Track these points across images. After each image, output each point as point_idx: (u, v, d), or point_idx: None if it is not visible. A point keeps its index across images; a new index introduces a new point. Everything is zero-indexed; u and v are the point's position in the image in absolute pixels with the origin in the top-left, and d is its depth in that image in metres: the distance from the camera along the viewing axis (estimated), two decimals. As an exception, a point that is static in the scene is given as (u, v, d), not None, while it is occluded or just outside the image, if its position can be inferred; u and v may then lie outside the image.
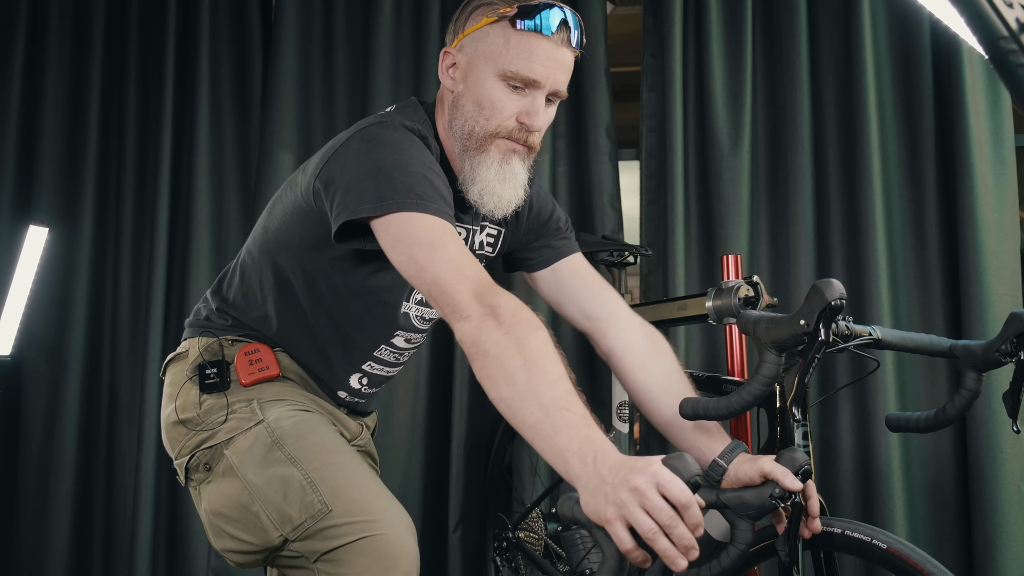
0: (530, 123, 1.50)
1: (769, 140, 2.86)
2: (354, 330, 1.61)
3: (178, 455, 1.57)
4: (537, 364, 1.18)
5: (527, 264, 1.79)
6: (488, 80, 1.49)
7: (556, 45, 1.48)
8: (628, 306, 1.72)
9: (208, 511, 1.51)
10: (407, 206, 1.35)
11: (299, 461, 1.44)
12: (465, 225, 1.65)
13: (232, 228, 2.99)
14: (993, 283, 2.59)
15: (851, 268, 2.73)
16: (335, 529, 1.37)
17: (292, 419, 1.51)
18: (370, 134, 1.47)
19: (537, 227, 1.76)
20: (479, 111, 1.51)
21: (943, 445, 2.66)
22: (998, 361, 1.39)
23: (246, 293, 1.64)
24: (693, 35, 2.87)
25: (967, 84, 2.66)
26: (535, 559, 2.46)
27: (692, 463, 1.07)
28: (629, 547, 1.05)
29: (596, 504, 1.07)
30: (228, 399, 1.55)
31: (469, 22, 1.53)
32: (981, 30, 0.63)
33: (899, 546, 1.37)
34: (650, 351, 1.64)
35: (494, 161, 1.52)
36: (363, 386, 1.69)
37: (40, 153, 3.04)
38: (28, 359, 2.98)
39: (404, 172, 1.38)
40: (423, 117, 1.57)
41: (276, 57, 2.95)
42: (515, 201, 1.55)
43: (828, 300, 1.29)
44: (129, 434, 2.96)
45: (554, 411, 1.14)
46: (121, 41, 3.10)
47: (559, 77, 1.50)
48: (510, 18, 1.47)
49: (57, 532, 2.89)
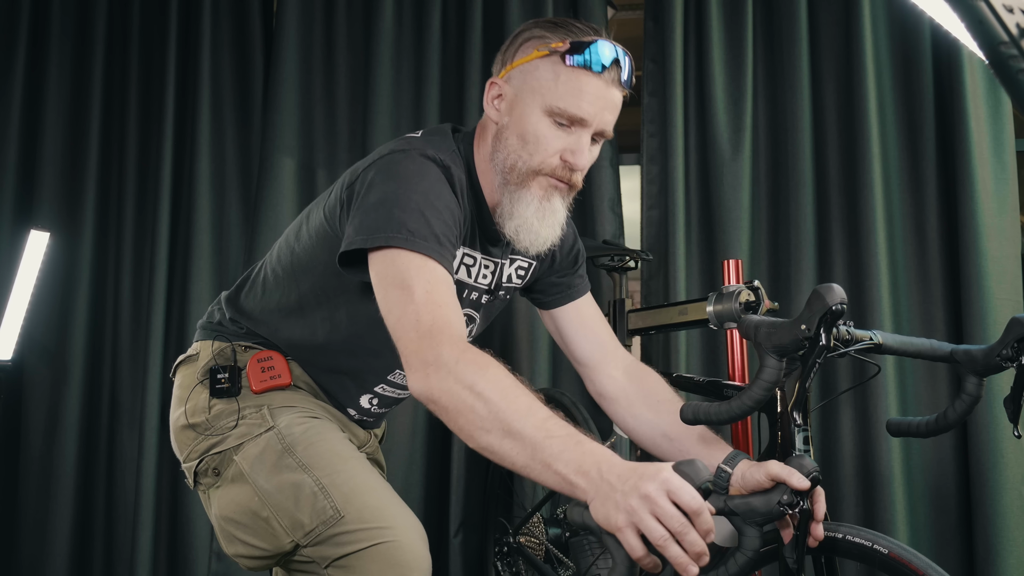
0: (574, 162, 1.46)
1: (770, 145, 2.86)
2: (370, 356, 1.60)
3: (187, 458, 1.57)
4: (501, 403, 1.16)
5: (538, 301, 1.79)
6: (534, 115, 1.46)
7: (606, 84, 1.44)
8: (620, 348, 1.74)
9: (218, 516, 1.51)
10: (394, 240, 1.33)
11: (310, 467, 1.44)
12: (494, 259, 1.63)
13: (233, 233, 2.99)
14: (994, 287, 2.59)
15: (852, 273, 2.73)
16: (347, 535, 1.37)
17: (303, 425, 1.51)
18: (387, 164, 1.44)
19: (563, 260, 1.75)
20: (523, 146, 1.47)
21: (944, 450, 2.66)
22: (999, 366, 1.39)
23: (264, 309, 1.64)
24: (694, 40, 2.88)
25: (968, 89, 2.66)
26: (536, 564, 2.46)
27: (703, 469, 1.07)
28: (640, 554, 1.05)
29: (607, 511, 1.06)
30: (239, 404, 1.55)
31: (519, 54, 1.49)
32: (981, 35, 0.63)
33: (900, 551, 1.36)
34: (635, 397, 1.66)
35: (535, 198, 1.49)
36: (373, 406, 1.69)
37: (41, 158, 3.04)
38: (29, 364, 2.98)
39: (402, 207, 1.36)
40: (451, 146, 1.53)
41: (277, 62, 2.96)
42: (552, 240, 1.52)
43: (829, 305, 1.29)
44: (130, 439, 2.96)
45: (539, 443, 1.12)
46: (122, 46, 3.11)
47: (607, 117, 1.47)
48: (561, 53, 1.43)
49: (58, 537, 2.89)
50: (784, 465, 1.27)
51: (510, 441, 1.14)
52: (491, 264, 1.63)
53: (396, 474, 2.77)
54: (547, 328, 1.83)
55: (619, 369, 1.70)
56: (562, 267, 1.75)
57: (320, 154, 2.98)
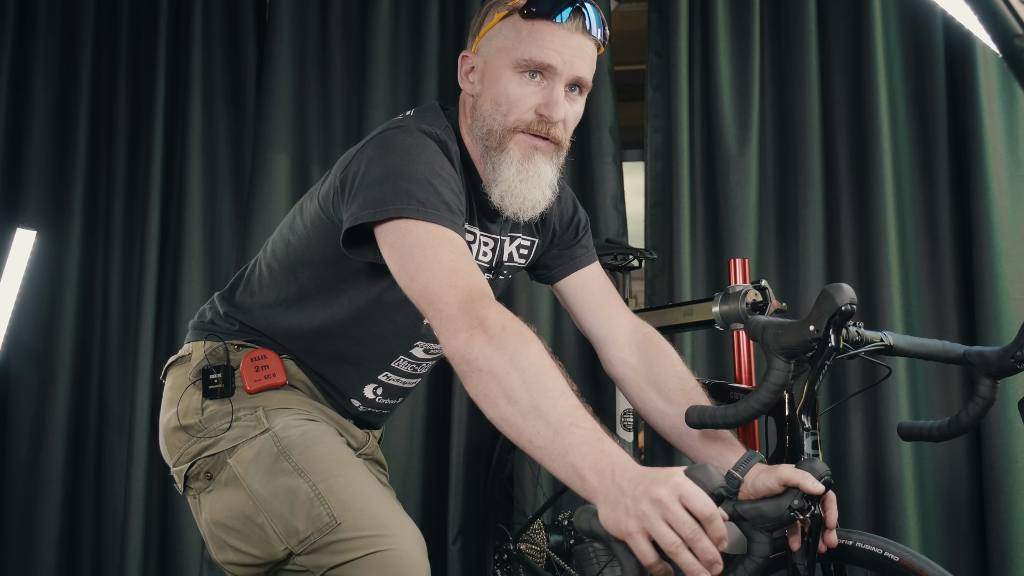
0: (549, 114, 1.47)
1: (777, 141, 2.86)
2: (372, 341, 1.61)
3: (176, 462, 1.57)
4: (537, 380, 1.16)
5: (542, 276, 1.79)
6: (504, 74, 1.48)
7: (570, 31, 1.46)
8: (631, 321, 1.71)
9: (209, 521, 1.50)
10: (406, 212, 1.34)
11: (306, 472, 1.44)
12: (492, 235, 1.63)
13: (225, 231, 2.99)
14: (1008, 287, 2.59)
15: (862, 272, 2.72)
16: (343, 543, 1.37)
17: (299, 428, 1.51)
18: (384, 140, 1.46)
19: (563, 232, 1.75)
20: (496, 108, 1.49)
21: (957, 454, 2.66)
22: (1013, 368, 1.39)
23: (262, 304, 1.64)
24: (699, 33, 2.88)
25: (981, 83, 2.66)
26: (537, 572, 2.46)
27: (716, 474, 1.07)
28: (651, 560, 1.05)
29: (616, 517, 1.06)
30: (232, 406, 1.54)
31: (484, 23, 1.53)
32: (995, 28, 0.63)
33: (912, 558, 1.36)
34: (644, 380, 1.64)
35: (514, 159, 1.50)
36: (377, 396, 1.68)
37: (28, 155, 3.04)
38: (15, 366, 2.98)
39: (408, 178, 1.37)
40: (443, 121, 1.55)
41: (270, 56, 2.95)
42: (541, 202, 1.53)
43: (838, 305, 1.29)
44: (119, 443, 2.96)
45: (563, 429, 1.13)
46: (111, 40, 3.11)
47: (578, 63, 1.48)
48: (519, 9, 1.47)
49: (45, 543, 2.89)
50: (796, 469, 1.27)
51: (534, 419, 1.15)
52: (490, 241, 1.63)
53: (393, 479, 2.75)
54: (563, 307, 1.82)
55: (629, 349, 1.67)
56: (564, 240, 1.75)
57: (315, 150, 2.98)
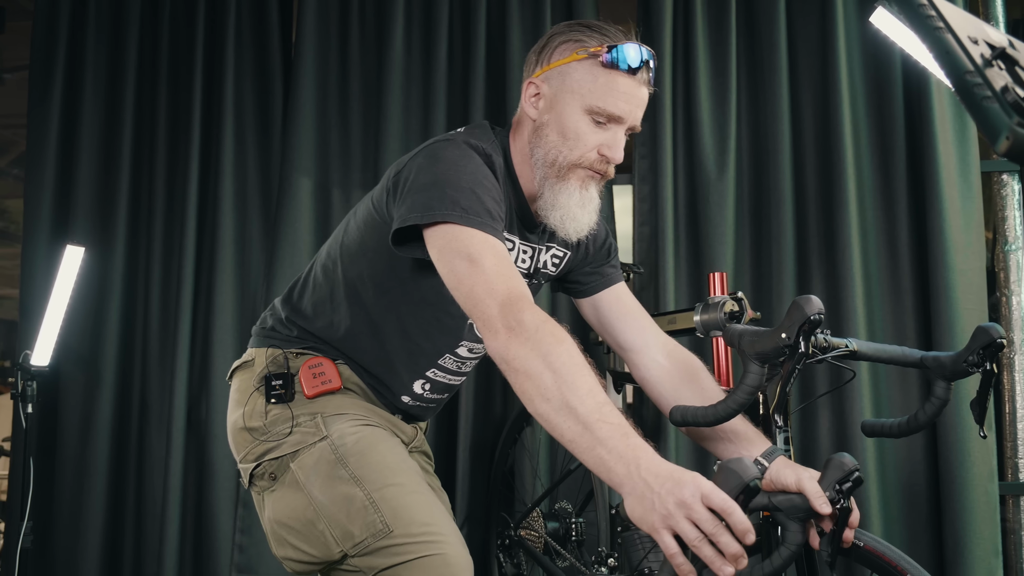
0: (611, 155, 1.49)
1: (753, 166, 2.86)
2: (420, 338, 1.59)
3: (243, 459, 1.55)
4: (567, 378, 1.16)
5: (575, 290, 1.75)
6: (575, 113, 1.48)
7: (638, 83, 1.48)
8: (662, 333, 1.67)
9: (271, 519, 1.49)
10: (451, 217, 1.33)
11: (362, 481, 1.42)
12: (531, 244, 1.62)
13: (255, 248, 3.00)
14: (961, 298, 2.59)
15: (829, 285, 2.72)
16: (396, 548, 1.36)
17: (354, 436, 1.49)
18: (433, 150, 1.45)
19: (596, 253, 1.73)
20: (563, 141, 1.49)
21: (915, 450, 2.65)
22: (966, 371, 1.38)
23: (316, 304, 1.61)
24: (682, 69, 2.88)
25: (936, 114, 2.66)
26: (536, 555, 2.45)
27: (750, 467, 1.06)
28: (674, 552, 1.04)
29: (643, 511, 1.06)
30: (293, 411, 1.52)
31: (555, 55, 1.51)
32: (949, 65, 0.63)
33: (875, 544, 1.36)
34: (679, 380, 1.59)
35: (575, 189, 1.51)
36: (426, 391, 1.65)
37: (77, 179, 3.05)
38: (65, 370, 2.98)
39: (454, 186, 1.36)
40: (491, 138, 1.55)
41: (296, 89, 2.96)
42: (591, 225, 1.55)
43: (808, 315, 1.29)
44: (158, 439, 2.96)
45: (591, 424, 1.12)
46: (152, 74, 3.12)
47: (638, 113, 1.51)
48: (598, 56, 1.46)
49: (91, 528, 2.89)
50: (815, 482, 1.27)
51: (565, 415, 1.14)
52: (529, 249, 1.62)
53: (405, 472, 2.76)
54: (587, 319, 1.76)
55: (662, 353, 1.64)
56: (596, 259, 1.73)
57: (335, 174, 2.98)
